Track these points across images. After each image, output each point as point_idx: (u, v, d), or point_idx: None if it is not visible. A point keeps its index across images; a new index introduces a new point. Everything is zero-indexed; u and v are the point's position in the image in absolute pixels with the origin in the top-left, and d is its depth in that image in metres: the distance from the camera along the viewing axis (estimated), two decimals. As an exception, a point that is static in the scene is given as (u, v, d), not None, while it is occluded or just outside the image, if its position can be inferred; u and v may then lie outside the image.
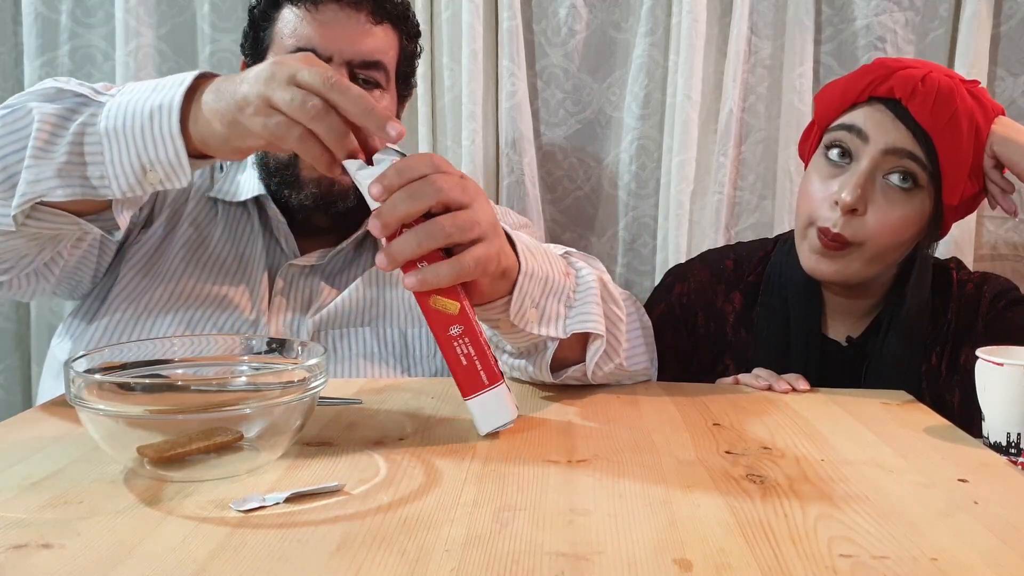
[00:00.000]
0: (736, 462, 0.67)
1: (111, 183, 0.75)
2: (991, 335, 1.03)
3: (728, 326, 1.11)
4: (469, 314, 0.71)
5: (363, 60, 1.03)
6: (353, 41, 1.03)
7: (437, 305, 0.69)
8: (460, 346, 0.70)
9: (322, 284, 1.07)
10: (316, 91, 0.66)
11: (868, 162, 0.96)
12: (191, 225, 1.07)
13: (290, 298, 1.05)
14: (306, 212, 1.07)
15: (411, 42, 1.12)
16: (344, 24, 1.03)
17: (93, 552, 0.50)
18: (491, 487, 0.61)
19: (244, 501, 0.56)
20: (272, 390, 0.62)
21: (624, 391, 0.90)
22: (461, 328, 0.70)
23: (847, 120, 0.99)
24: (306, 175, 1.04)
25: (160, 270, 1.03)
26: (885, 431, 0.77)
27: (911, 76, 0.95)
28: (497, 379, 0.72)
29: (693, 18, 1.37)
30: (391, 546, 0.51)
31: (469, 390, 0.71)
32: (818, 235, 0.98)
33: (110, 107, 0.75)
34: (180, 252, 1.05)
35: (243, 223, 1.09)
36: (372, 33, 1.04)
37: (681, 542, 0.52)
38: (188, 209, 1.08)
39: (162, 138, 0.72)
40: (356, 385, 0.91)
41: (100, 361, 0.67)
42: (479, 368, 0.71)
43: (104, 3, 1.46)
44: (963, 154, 0.95)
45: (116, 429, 0.61)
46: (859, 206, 0.96)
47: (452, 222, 0.67)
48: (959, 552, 0.51)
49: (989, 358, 0.76)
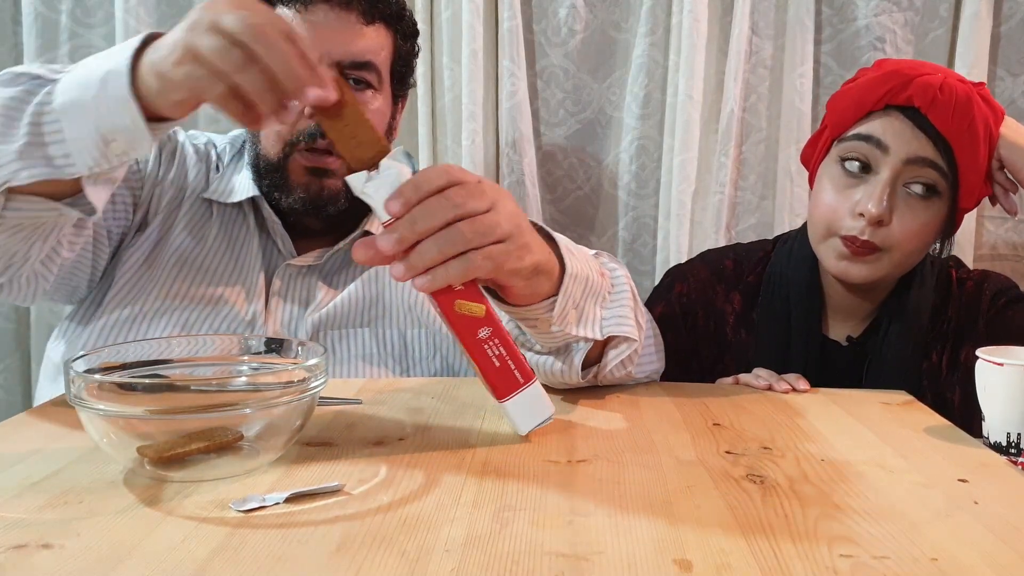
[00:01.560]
0: (736, 462, 0.67)
1: (75, 159, 0.72)
2: (992, 333, 1.03)
3: (728, 326, 1.11)
4: (494, 315, 0.69)
5: (352, 61, 1.01)
6: (342, 41, 1.01)
7: (462, 310, 0.67)
8: (491, 348, 0.68)
9: (320, 284, 1.06)
10: (237, 39, 0.62)
11: (890, 173, 0.96)
12: (186, 227, 1.06)
13: (287, 298, 1.04)
14: (297, 215, 1.05)
15: (407, 42, 1.10)
16: (333, 24, 1.00)
17: (93, 552, 0.50)
18: (491, 487, 0.61)
19: (244, 501, 0.56)
20: (272, 390, 0.62)
21: (624, 391, 0.90)
22: (490, 330, 0.68)
23: (864, 130, 0.98)
24: (295, 179, 1.02)
25: (155, 273, 1.02)
26: (885, 431, 0.77)
27: (929, 84, 0.95)
28: (530, 376, 0.70)
29: (694, 18, 1.37)
30: (391, 546, 0.51)
31: (505, 391, 0.70)
32: (844, 243, 0.98)
33: (65, 81, 0.72)
34: (175, 254, 1.04)
35: (239, 224, 1.08)
36: (363, 33, 1.02)
37: (681, 542, 0.52)
38: (183, 211, 1.07)
39: (116, 103, 0.69)
40: (356, 385, 0.91)
41: (100, 361, 0.67)
42: (512, 368, 0.69)
43: (104, 3, 1.46)
44: (980, 159, 0.96)
45: (116, 429, 0.61)
46: (885, 217, 0.96)
47: (472, 227, 0.64)
48: (959, 552, 0.51)
49: (989, 358, 0.76)
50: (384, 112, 1.07)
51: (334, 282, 1.08)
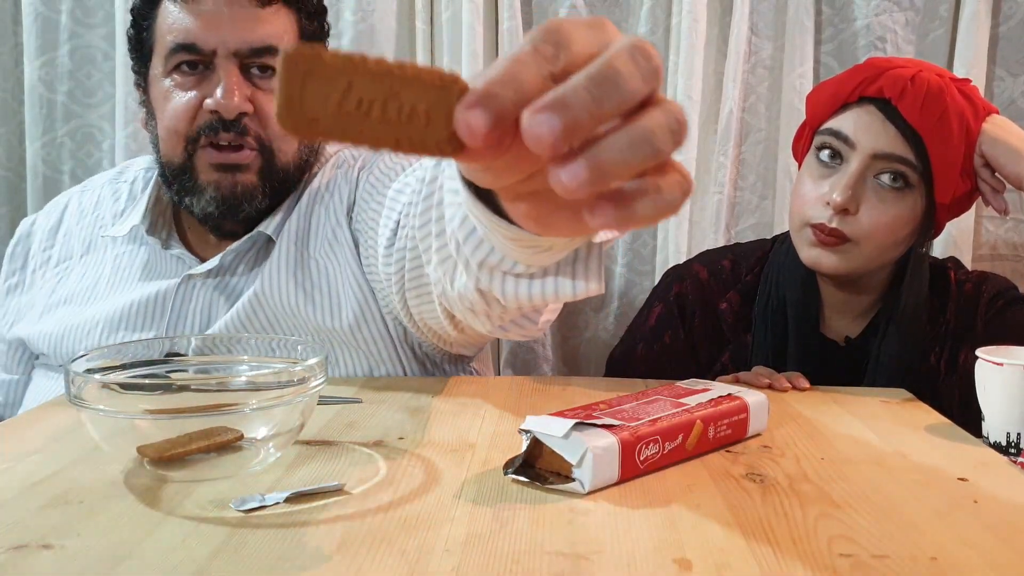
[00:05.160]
0: (736, 461, 0.67)
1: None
2: (990, 334, 1.03)
3: (726, 325, 1.11)
4: None
5: (252, 48, 0.93)
6: (238, 29, 0.93)
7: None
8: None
9: (221, 294, 0.97)
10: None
11: (858, 164, 0.97)
12: (78, 274, 1.03)
13: (187, 314, 0.97)
14: (214, 220, 0.97)
15: (312, 21, 1.01)
16: (225, 11, 0.93)
17: (93, 552, 0.50)
18: (491, 487, 0.61)
19: (244, 501, 0.56)
20: (272, 390, 0.62)
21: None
22: None
23: (835, 125, 1.00)
24: (204, 178, 0.94)
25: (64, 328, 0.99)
26: (885, 430, 0.77)
27: (900, 76, 0.96)
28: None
29: (693, 18, 1.37)
30: (391, 546, 0.51)
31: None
32: (814, 231, 0.99)
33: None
34: (71, 307, 1.00)
35: (131, 252, 1.02)
36: (260, 18, 0.94)
37: (681, 542, 0.52)
38: (75, 266, 1.04)
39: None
40: (356, 384, 0.91)
41: (100, 361, 0.67)
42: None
43: (104, 3, 1.46)
44: (954, 153, 0.96)
45: (116, 429, 0.61)
46: (850, 206, 0.97)
47: (667, 121, 0.35)
48: (959, 551, 0.51)
49: (989, 358, 0.76)
50: None
51: (239, 287, 0.98)
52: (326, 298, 0.95)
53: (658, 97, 0.36)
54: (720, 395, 0.71)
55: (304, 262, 0.96)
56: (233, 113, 0.92)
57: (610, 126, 0.34)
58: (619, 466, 0.60)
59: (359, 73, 0.33)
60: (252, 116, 0.94)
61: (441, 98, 0.34)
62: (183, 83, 0.94)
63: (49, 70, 1.46)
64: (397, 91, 0.34)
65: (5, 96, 1.50)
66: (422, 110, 0.34)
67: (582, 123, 0.33)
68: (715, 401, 0.70)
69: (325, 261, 0.96)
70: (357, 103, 0.34)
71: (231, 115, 0.92)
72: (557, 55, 0.34)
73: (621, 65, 0.34)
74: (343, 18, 1.43)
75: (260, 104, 0.94)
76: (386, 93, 0.34)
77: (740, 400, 0.71)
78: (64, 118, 1.47)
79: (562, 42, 0.35)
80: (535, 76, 0.34)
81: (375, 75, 0.34)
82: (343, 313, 0.95)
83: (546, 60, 0.34)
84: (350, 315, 0.95)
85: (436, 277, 0.71)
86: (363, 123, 0.34)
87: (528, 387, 0.91)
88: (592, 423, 0.61)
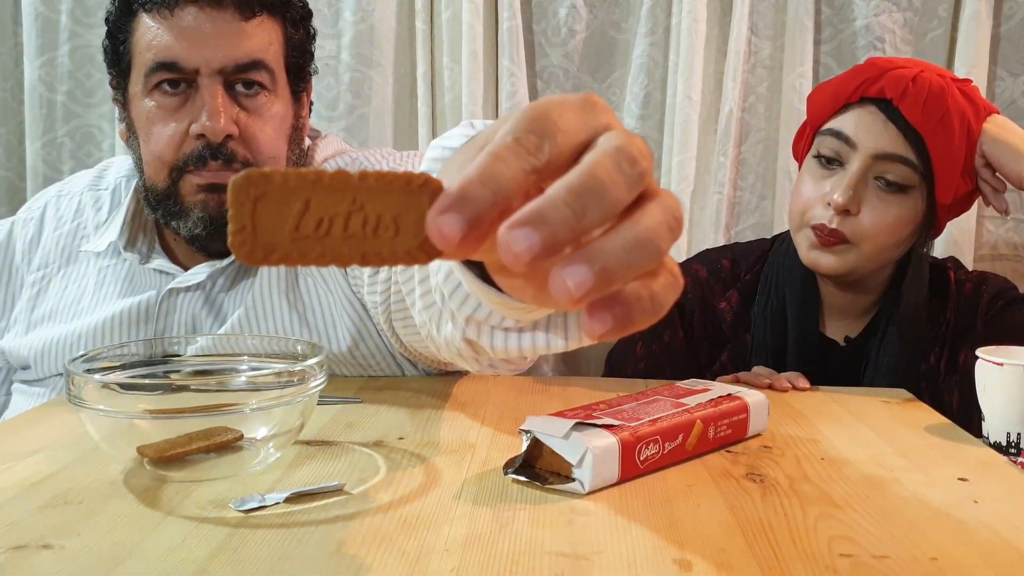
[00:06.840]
0: (736, 461, 0.67)
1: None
2: (990, 334, 1.03)
3: (726, 325, 1.11)
4: None
5: (237, 64, 0.90)
6: (221, 46, 0.89)
7: None
8: None
9: (206, 308, 0.96)
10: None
11: (859, 165, 0.97)
12: (58, 293, 1.01)
13: (174, 325, 0.96)
14: (201, 241, 0.94)
15: (298, 28, 0.97)
16: (207, 28, 0.88)
17: (93, 552, 0.50)
18: (491, 487, 0.61)
19: (244, 501, 0.56)
20: (272, 390, 0.62)
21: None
22: None
23: (836, 125, 1.00)
24: (189, 201, 0.92)
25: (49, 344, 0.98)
26: (885, 430, 0.77)
27: (902, 76, 0.96)
28: None
29: (693, 18, 1.37)
30: (391, 546, 0.51)
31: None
32: (814, 232, 0.99)
33: None
34: (55, 323, 0.99)
35: (113, 269, 1.00)
36: (244, 32, 0.90)
37: (681, 542, 0.52)
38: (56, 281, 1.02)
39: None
40: (356, 384, 0.91)
41: (100, 361, 0.67)
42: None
43: (104, 3, 1.45)
44: (955, 153, 0.96)
45: (116, 429, 0.61)
46: (851, 207, 0.97)
47: (666, 218, 0.33)
48: (959, 551, 0.51)
49: (989, 358, 0.76)
50: (285, 115, 0.95)
51: (223, 302, 0.96)
52: (319, 319, 0.94)
53: (651, 189, 0.34)
54: (720, 395, 0.71)
55: (294, 282, 0.95)
56: (220, 136, 0.89)
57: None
58: (619, 466, 0.60)
59: (316, 190, 0.32)
60: (238, 139, 0.91)
61: (410, 204, 0.32)
62: (166, 105, 0.91)
63: (49, 70, 1.46)
64: (361, 203, 0.32)
65: (5, 96, 1.50)
66: (389, 219, 0.32)
67: (562, 238, 0.31)
68: (715, 401, 0.69)
69: (315, 281, 0.95)
70: (317, 223, 0.32)
71: (218, 138, 0.89)
72: (541, 146, 0.32)
73: (604, 174, 0.32)
74: (343, 18, 1.43)
75: (245, 125, 0.91)
76: (348, 207, 0.32)
77: (740, 400, 0.71)
78: (64, 118, 1.47)
79: (547, 131, 0.33)
80: (516, 173, 0.32)
81: (334, 190, 0.32)
82: (339, 332, 0.94)
83: (529, 153, 0.32)
84: (346, 336, 0.94)
85: (422, 321, 0.69)
86: (324, 243, 0.32)
87: (528, 387, 0.90)
88: (592, 423, 0.61)
